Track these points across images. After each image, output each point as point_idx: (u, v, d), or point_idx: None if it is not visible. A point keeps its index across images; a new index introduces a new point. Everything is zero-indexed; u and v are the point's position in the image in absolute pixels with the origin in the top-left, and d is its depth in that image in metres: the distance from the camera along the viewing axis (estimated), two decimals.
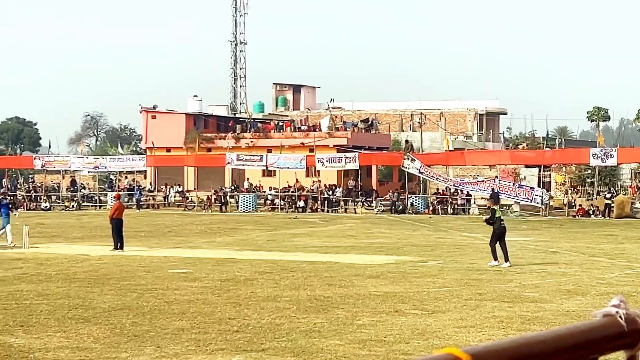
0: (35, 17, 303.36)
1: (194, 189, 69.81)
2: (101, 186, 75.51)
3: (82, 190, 73.13)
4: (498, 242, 25.15)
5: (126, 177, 77.06)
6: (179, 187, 70.50)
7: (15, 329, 14.66)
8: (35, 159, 76.25)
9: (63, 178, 75.23)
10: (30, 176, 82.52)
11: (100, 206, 67.51)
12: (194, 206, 65.27)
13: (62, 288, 20.06)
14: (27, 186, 74.95)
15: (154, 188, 71.86)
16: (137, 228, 41.65)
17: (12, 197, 69.48)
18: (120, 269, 24.33)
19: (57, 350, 12.95)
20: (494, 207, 27.15)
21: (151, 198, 69.49)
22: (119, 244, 30.34)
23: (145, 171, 75.25)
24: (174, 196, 69.10)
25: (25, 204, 68.02)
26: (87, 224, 48.05)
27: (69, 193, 71.65)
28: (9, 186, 73.40)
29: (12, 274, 23.01)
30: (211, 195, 65.35)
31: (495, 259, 24.87)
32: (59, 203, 70.18)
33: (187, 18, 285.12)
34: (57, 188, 74.04)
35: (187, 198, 67.52)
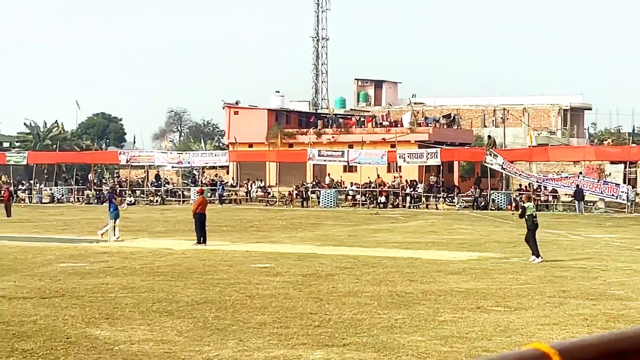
0: (120, 15, 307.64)
1: (276, 184, 70.13)
2: (184, 181, 76.35)
3: (166, 185, 73.98)
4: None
5: (208, 172, 77.82)
6: (261, 182, 70.89)
7: (101, 322, 14.91)
8: (120, 154, 77.34)
9: (147, 173, 76.23)
10: (115, 171, 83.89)
11: (183, 201, 68.27)
12: (276, 201, 65.58)
13: (146, 281, 20.34)
14: (112, 181, 76.16)
15: (236, 183, 72.39)
16: (220, 223, 42.03)
17: (98, 192, 70.80)
18: (203, 263, 24.58)
19: (142, 343, 13.14)
20: (527, 204, 27.51)
21: (233, 193, 70.03)
22: (201, 239, 30.63)
23: (227, 166, 75.83)
24: (256, 191, 69.50)
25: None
26: (170, 218, 48.62)
27: (153, 188, 72.56)
28: (95, 181, 74.70)
29: (98, 267, 23.41)
30: (293, 191, 65.58)
31: (536, 255, 25.09)
32: (143, 198, 71.17)
33: (269, 14, 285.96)
34: (141, 183, 75.05)
35: (269, 193, 67.87)
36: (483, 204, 59.22)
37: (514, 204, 58.77)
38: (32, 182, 75.33)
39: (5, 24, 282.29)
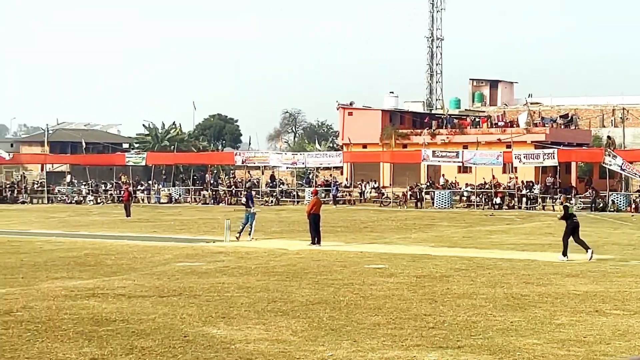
0: (235, 17, 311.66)
1: (390, 184, 70.01)
2: (299, 182, 76.88)
3: (281, 185, 74.57)
4: (572, 236, 26.10)
5: (322, 173, 78.16)
6: (375, 183, 70.86)
7: (217, 321, 15.11)
8: (236, 154, 78.29)
9: (262, 174, 76.99)
10: (231, 171, 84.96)
11: (298, 201, 68.71)
12: (390, 202, 65.46)
13: (262, 281, 20.53)
14: (228, 181, 77.18)
15: (350, 184, 72.53)
16: (334, 223, 42.19)
17: (214, 192, 71.84)
18: (317, 263, 24.69)
19: (257, 342, 13.26)
20: (567, 204, 28.40)
21: (347, 194, 70.17)
22: (316, 239, 30.78)
23: (341, 167, 76.07)
24: (370, 192, 69.49)
25: (226, 198, 70.05)
26: (285, 218, 49.00)
27: (268, 188, 73.25)
28: (212, 181, 75.80)
29: (214, 267, 23.74)
30: (407, 191, 65.38)
31: (565, 254, 25.62)
32: (258, 198, 71.88)
33: (384, 15, 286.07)
34: (256, 183, 75.82)
35: (383, 194, 67.78)
36: (601, 205, 57.99)
37: (633, 206, 57.44)
38: (150, 182, 76.88)
39: (122, 30, 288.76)
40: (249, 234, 33.29)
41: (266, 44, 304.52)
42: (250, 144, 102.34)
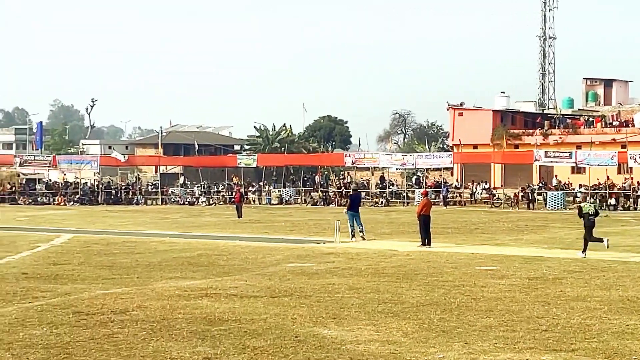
0: (344, 20, 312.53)
1: (501, 185, 69.24)
2: (409, 183, 76.63)
3: (391, 186, 74.49)
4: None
5: (432, 174, 77.79)
6: (486, 184, 70.21)
7: (328, 321, 15.17)
8: (345, 156, 78.46)
9: (372, 175, 77.02)
10: (341, 173, 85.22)
11: (407, 202, 68.48)
12: (501, 203, 64.70)
13: (372, 282, 20.53)
14: (338, 183, 77.42)
15: (461, 185, 72.00)
16: (444, 224, 41.93)
17: (324, 193, 72.15)
18: (428, 264, 24.57)
19: (368, 343, 13.27)
20: (582, 204, 30.39)
21: (458, 195, 69.66)
22: (426, 240, 30.63)
23: (452, 168, 75.63)
24: (481, 193, 68.86)
25: (336, 200, 70.26)
26: (395, 220, 48.90)
27: (378, 189, 73.21)
28: (322, 182, 76.16)
29: (325, 268, 23.83)
30: (518, 192, 64.54)
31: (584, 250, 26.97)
32: (368, 199, 71.90)
33: (495, 14, 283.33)
34: (366, 185, 75.88)
35: (494, 195, 67.06)
36: None
37: None
38: (261, 183, 77.65)
39: (232, 38, 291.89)
40: (353, 236, 33.40)
41: (376, 45, 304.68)
42: (359, 145, 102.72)
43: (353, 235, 33.54)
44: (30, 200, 75.95)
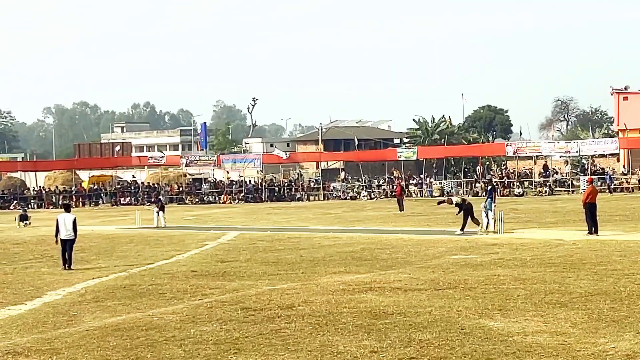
0: (500, 6, 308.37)
1: None
2: (573, 170, 75.03)
3: (554, 175, 73.11)
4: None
5: (597, 161, 75.90)
6: None
7: (494, 313, 15.01)
8: (507, 145, 77.48)
9: (535, 164, 75.76)
10: (502, 162, 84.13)
11: (572, 191, 67.13)
12: None
13: (538, 273, 20.20)
14: (499, 173, 76.47)
15: (627, 171, 70.00)
16: (611, 212, 40.88)
17: (487, 184, 71.37)
18: (595, 253, 24.00)
19: (535, 335, 13.07)
20: (454, 198, 35.95)
21: (624, 181, 67.78)
22: (592, 229, 29.94)
23: (617, 154, 73.58)
24: None
25: (498, 190, 69.47)
26: (560, 208, 47.98)
27: (541, 178, 71.95)
28: (483, 173, 75.39)
29: (489, 259, 23.59)
30: None
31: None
32: (532, 188, 70.80)
33: None
34: (529, 174, 74.70)
35: None
36: None
37: None
38: (422, 176, 77.42)
39: (386, 34, 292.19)
40: (487, 226, 33.08)
41: (534, 31, 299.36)
42: (521, 134, 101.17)
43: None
44: (196, 200, 78.04)
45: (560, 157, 77.50)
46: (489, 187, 37.65)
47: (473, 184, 73.12)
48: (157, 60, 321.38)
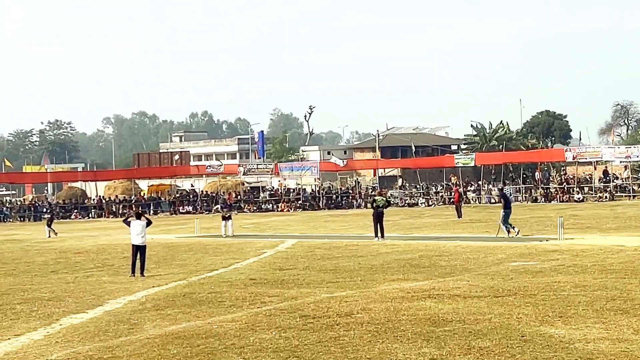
0: (560, 10, 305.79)
1: None
2: (634, 175, 74.10)
3: (615, 180, 72.27)
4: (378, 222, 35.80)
5: None
6: None
7: (555, 320, 14.86)
8: (566, 151, 76.81)
9: (595, 169, 74.97)
10: (562, 168, 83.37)
11: (634, 196, 66.32)
12: None
13: (599, 279, 19.97)
14: (559, 178, 75.78)
15: None
16: None
17: (545, 189, 70.74)
18: None
19: (597, 342, 12.92)
20: (377, 197, 38.53)
21: None
22: None
23: None
24: None
25: (558, 195, 68.83)
26: (620, 214, 47.43)
27: (601, 184, 71.18)
28: (542, 179, 74.74)
29: (549, 266, 23.37)
30: None
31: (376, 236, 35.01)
32: (592, 194, 70.05)
33: None
34: (589, 179, 73.95)
35: None
36: None
37: None
38: (480, 182, 76.98)
39: (442, 40, 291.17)
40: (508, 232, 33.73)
41: (592, 35, 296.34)
42: (580, 139, 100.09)
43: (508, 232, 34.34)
44: (254, 208, 78.39)
45: (620, 162, 76.61)
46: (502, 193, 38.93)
47: (532, 190, 72.54)
48: (215, 69, 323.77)
